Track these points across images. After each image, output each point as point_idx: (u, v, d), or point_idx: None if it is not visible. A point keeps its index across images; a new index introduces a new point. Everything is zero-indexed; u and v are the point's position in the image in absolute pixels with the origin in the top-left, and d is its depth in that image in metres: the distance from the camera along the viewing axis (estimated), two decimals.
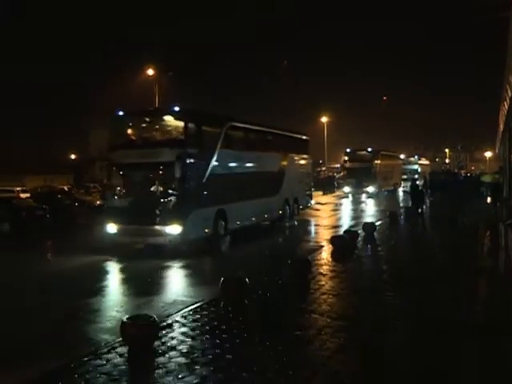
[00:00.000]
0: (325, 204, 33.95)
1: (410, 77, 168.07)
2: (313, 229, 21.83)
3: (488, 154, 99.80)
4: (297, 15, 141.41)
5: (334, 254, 12.97)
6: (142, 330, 6.31)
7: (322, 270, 10.96)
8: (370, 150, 44.76)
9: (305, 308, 8.08)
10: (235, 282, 8.33)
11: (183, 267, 12.75)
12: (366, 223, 17.46)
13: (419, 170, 69.20)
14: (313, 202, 26.87)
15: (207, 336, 6.77)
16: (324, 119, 66.41)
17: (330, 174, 61.04)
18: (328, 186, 47.79)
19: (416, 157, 75.40)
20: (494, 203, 22.00)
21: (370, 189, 42.38)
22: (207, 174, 15.24)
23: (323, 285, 9.65)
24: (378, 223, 19.05)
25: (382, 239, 16.12)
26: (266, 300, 8.45)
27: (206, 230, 15.14)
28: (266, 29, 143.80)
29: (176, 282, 11.82)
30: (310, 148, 28.49)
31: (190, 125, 14.82)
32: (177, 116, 14.92)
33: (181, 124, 14.80)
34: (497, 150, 44.37)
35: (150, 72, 41.04)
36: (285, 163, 21.99)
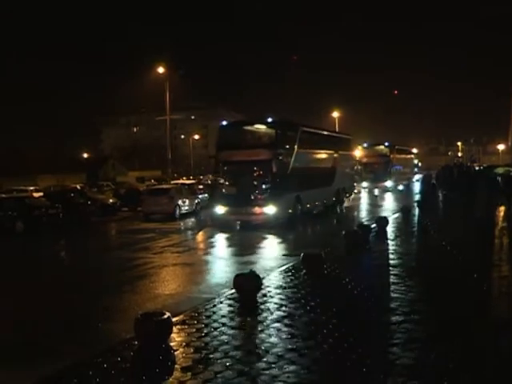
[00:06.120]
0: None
1: (422, 70, 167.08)
2: None
3: (501, 147, 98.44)
4: (299, 15, 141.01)
5: None
6: None
7: None
8: (270, 120, 21.25)
9: None
10: None
11: None
12: None
13: (395, 165, 45.70)
14: None
15: None
16: (335, 114, 65.04)
17: None
18: None
19: (386, 144, 46.50)
20: (508, 197, 21.78)
21: (270, 209, 19.59)
22: None
23: None
24: None
25: None
26: None
27: None
28: (276, 27, 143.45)
29: None
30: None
31: None
32: None
33: None
34: (509, 143, 43.90)
35: (161, 70, 40.69)
36: None
